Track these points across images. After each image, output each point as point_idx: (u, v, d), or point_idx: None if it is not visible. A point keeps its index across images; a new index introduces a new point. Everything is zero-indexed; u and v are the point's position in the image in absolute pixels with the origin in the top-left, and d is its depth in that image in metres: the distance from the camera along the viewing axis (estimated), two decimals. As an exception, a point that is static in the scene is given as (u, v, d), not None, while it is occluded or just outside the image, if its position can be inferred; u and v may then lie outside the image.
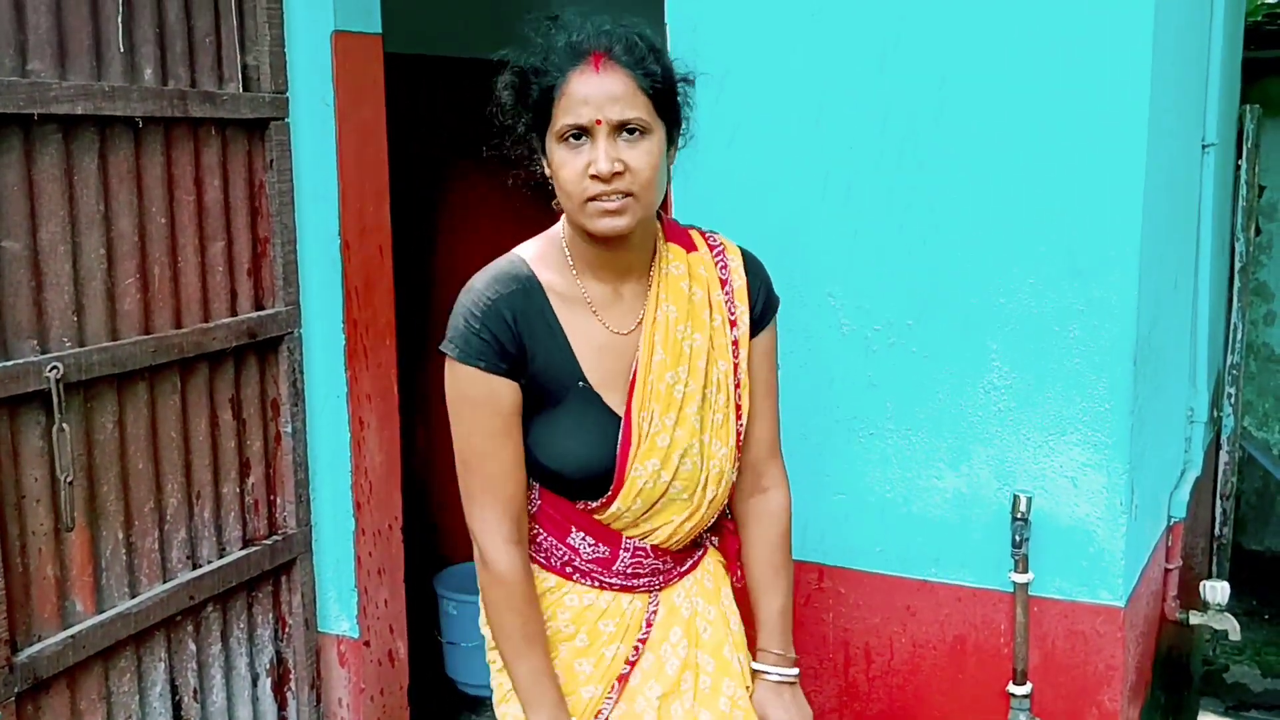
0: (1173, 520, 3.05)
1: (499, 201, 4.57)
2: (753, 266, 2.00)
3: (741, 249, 2.00)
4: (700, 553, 2.06)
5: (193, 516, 2.90)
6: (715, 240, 1.98)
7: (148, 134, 2.69)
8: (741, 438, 1.96)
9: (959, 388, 2.55)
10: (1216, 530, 4.14)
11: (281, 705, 3.21)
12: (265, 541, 3.10)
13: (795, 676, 2.08)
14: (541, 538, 1.91)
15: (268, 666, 3.16)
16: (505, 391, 1.79)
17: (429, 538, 4.18)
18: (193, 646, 2.91)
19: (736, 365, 1.94)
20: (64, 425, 2.46)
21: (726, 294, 1.95)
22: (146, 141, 2.70)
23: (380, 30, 3.22)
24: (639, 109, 1.74)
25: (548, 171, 1.81)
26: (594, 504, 1.86)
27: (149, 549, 2.77)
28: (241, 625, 3.07)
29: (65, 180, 2.51)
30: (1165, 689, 3.20)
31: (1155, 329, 2.60)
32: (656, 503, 1.87)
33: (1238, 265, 3.98)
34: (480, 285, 1.82)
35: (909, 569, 2.66)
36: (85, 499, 2.59)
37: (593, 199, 1.73)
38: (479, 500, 1.83)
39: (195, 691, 2.92)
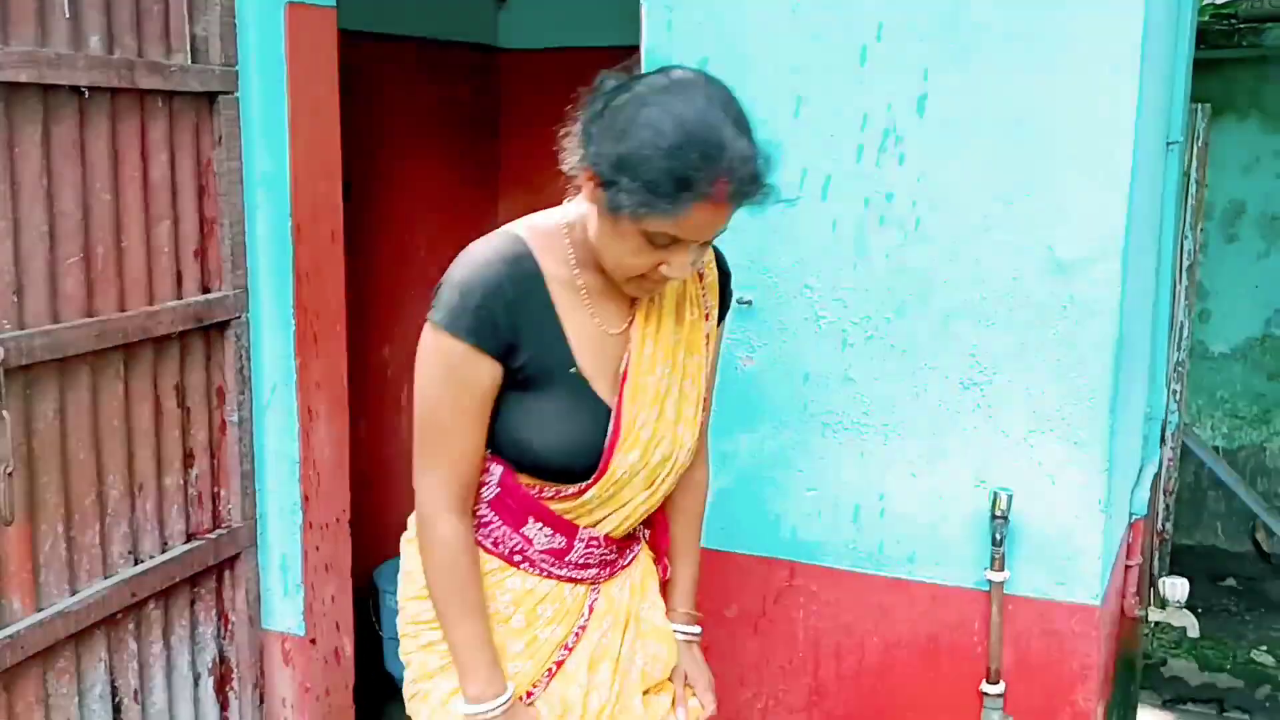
0: (1134, 517, 3.05)
1: (443, 186, 4.47)
2: (721, 261, 2.01)
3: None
4: (637, 546, 2.05)
5: (135, 509, 2.76)
6: None
7: (93, 105, 2.55)
8: (703, 425, 1.98)
9: (937, 384, 2.51)
10: (1159, 525, 4.19)
11: (224, 706, 3.08)
12: (209, 536, 2.96)
13: (699, 634, 2.16)
14: (494, 525, 1.87)
15: (210, 665, 3.03)
16: (487, 373, 1.74)
17: (371, 531, 4.05)
18: (133, 645, 2.77)
19: (706, 357, 1.94)
20: (3, 412, 2.32)
21: (702, 289, 1.95)
22: (91, 113, 2.55)
23: (335, 2, 3.09)
24: None
25: (590, 200, 1.69)
26: (567, 490, 1.82)
27: (89, 544, 2.63)
28: (184, 623, 2.93)
29: (6, 152, 2.36)
30: (1115, 685, 3.21)
31: (1128, 326, 2.58)
32: (624, 490, 1.86)
33: (1185, 263, 4.01)
34: (481, 259, 1.74)
35: (882, 567, 2.62)
36: (25, 491, 2.44)
37: (640, 280, 1.73)
38: (431, 470, 1.79)
39: (135, 692, 2.78)
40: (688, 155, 1.57)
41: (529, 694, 1.88)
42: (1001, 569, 2.48)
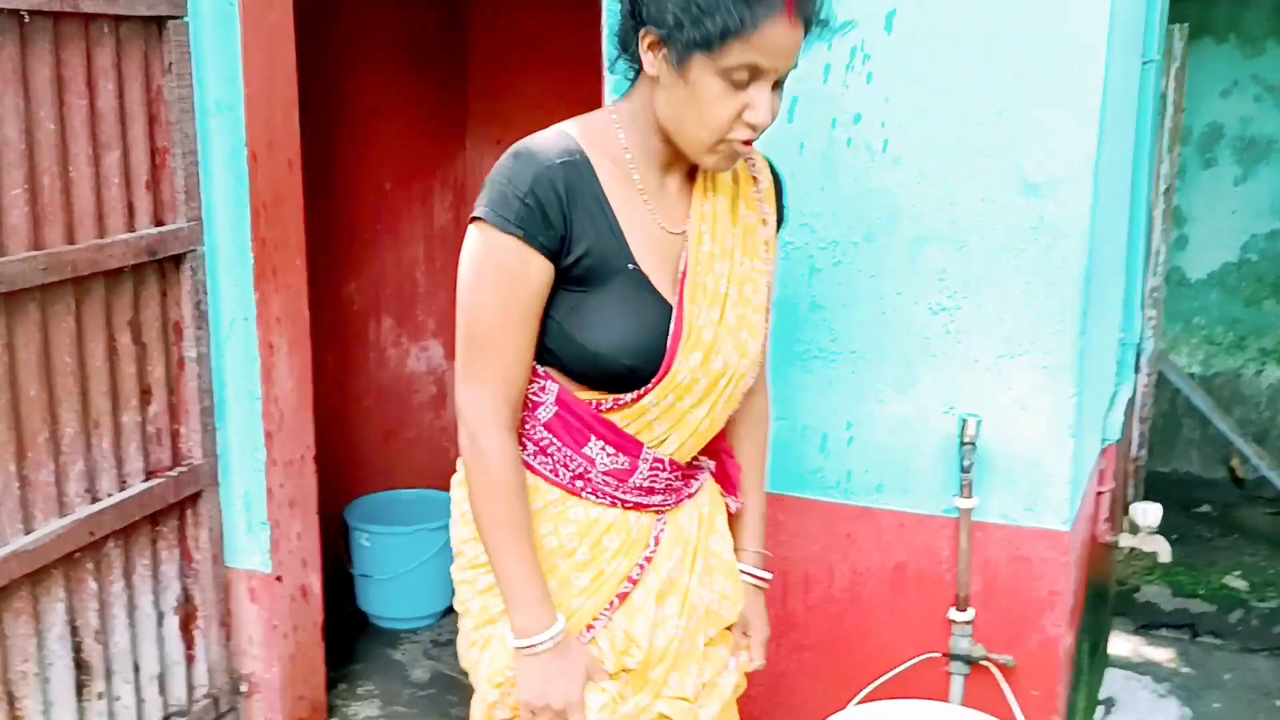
0: (1106, 443, 3.03)
1: (408, 116, 4.37)
2: (774, 168, 1.94)
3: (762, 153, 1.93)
4: (703, 475, 1.95)
5: (90, 447, 2.70)
6: None
7: (35, 29, 2.46)
8: (768, 338, 1.90)
9: (906, 310, 2.47)
10: (1133, 452, 4.18)
11: (189, 645, 3.05)
12: (169, 474, 2.91)
13: (769, 580, 2.10)
14: (553, 448, 1.77)
15: (174, 605, 3.00)
16: (539, 270, 1.66)
17: (339, 468, 4.02)
18: (93, 585, 2.73)
19: (765, 262, 1.86)
20: (-52, 349, 2.26)
21: (757, 193, 1.87)
22: (33, 38, 2.46)
23: (288, -76, 2.99)
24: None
25: (651, 70, 1.66)
26: (627, 397, 1.73)
27: (43, 482, 2.57)
28: (145, 562, 2.89)
29: (-58, 80, 2.27)
30: (1086, 611, 3.21)
31: (1100, 249, 2.54)
32: (684, 399, 1.76)
33: (1161, 187, 3.96)
34: (528, 152, 1.67)
35: (850, 496, 2.59)
36: (-27, 429, 2.38)
37: (727, 142, 1.65)
38: (480, 380, 1.69)
39: (97, 633, 2.75)
40: None
41: (589, 627, 1.78)
42: (970, 496, 2.45)
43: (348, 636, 3.93)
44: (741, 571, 2.02)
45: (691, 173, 1.80)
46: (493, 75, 4.57)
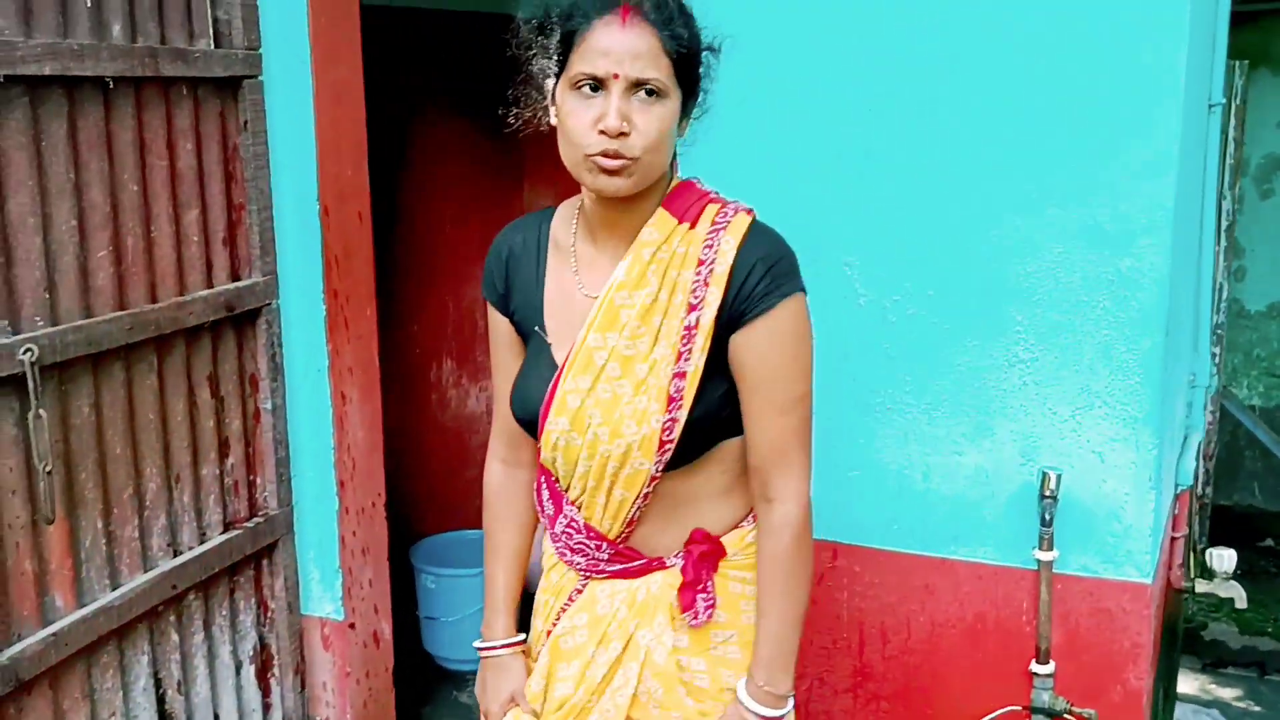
0: (1180, 488, 3.00)
1: (464, 149, 4.41)
2: (751, 252, 1.76)
3: (755, 232, 1.79)
4: (649, 564, 1.86)
5: (172, 501, 2.74)
6: (725, 218, 1.79)
7: (118, 95, 2.51)
8: (671, 429, 1.74)
9: (982, 360, 2.46)
10: (1199, 490, 4.14)
11: (265, 693, 3.08)
12: (247, 524, 2.95)
13: (779, 717, 1.83)
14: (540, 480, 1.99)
15: (251, 654, 3.03)
16: (499, 322, 1.93)
17: (402, 510, 4.05)
18: (175, 637, 2.77)
19: (682, 354, 1.74)
20: (40, 411, 2.30)
21: (699, 275, 1.74)
22: (116, 103, 2.51)
23: (357, -19, 3.04)
24: (659, 70, 1.67)
25: (554, 119, 1.76)
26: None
27: (129, 538, 2.61)
28: (224, 612, 2.93)
29: (33, 147, 2.32)
30: (1158, 653, 3.18)
31: (1177, 297, 2.53)
32: (574, 462, 1.79)
33: (1224, 224, 3.94)
34: (510, 224, 1.95)
35: (927, 547, 2.58)
36: (63, 487, 2.42)
37: (594, 155, 1.66)
38: (494, 415, 2.03)
39: (179, 684, 2.78)
40: None
41: (537, 655, 1.97)
42: (1050, 548, 2.44)
43: (415, 679, 3.95)
44: (747, 708, 1.82)
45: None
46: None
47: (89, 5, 2.43)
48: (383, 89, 3.78)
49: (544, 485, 1.92)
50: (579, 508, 1.84)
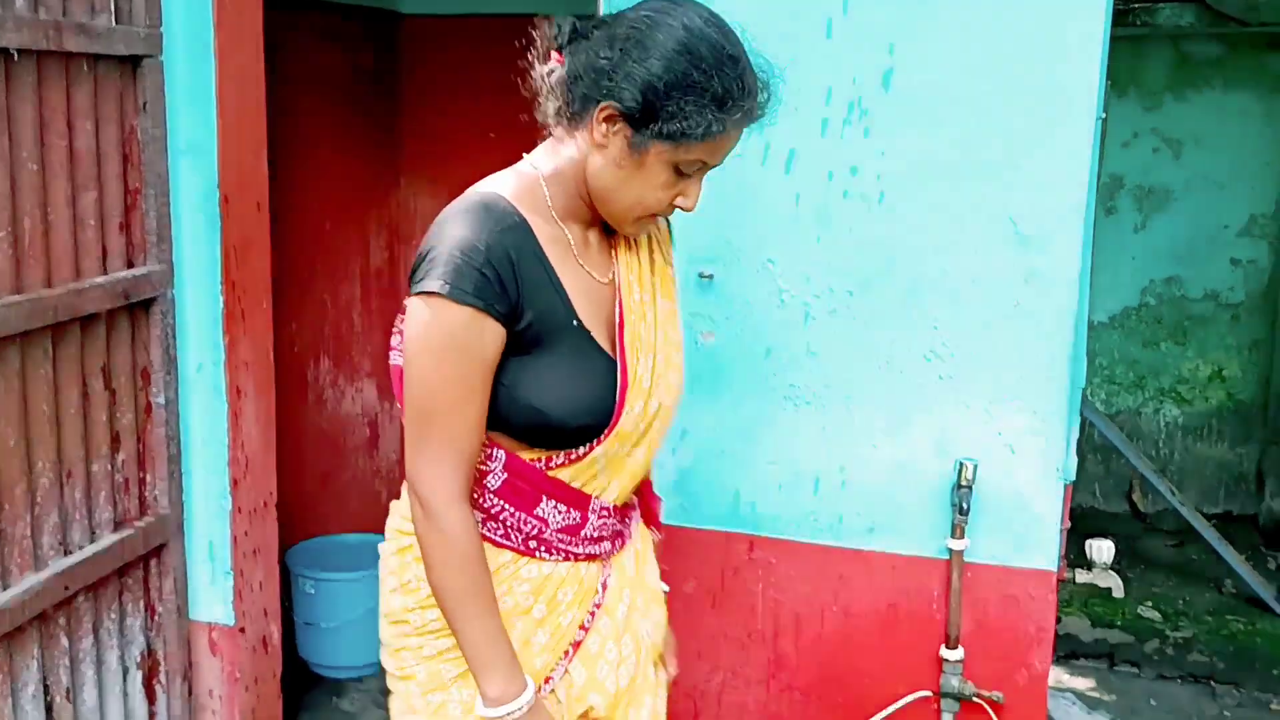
0: (1064, 483, 3.14)
1: (340, 147, 4.32)
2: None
3: None
4: (635, 513, 1.98)
5: (64, 498, 2.60)
6: None
7: (20, 69, 2.38)
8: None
9: (900, 357, 2.54)
10: (1058, 489, 4.33)
11: (151, 700, 2.95)
12: (137, 524, 2.82)
13: (668, 590, 2.10)
14: (505, 513, 1.76)
15: (138, 659, 2.89)
16: (494, 337, 1.64)
17: (280, 512, 3.92)
18: (65, 641, 2.62)
19: (675, 305, 1.91)
20: (-64, 399, 2.16)
21: (660, 238, 1.92)
22: (18, 77, 2.38)
23: (260, -35, 2.95)
24: None
25: (603, 143, 1.65)
26: (579, 451, 1.74)
27: (20, 535, 2.47)
28: (113, 616, 2.79)
29: (-68, 118, 2.19)
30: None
31: (1085, 296, 2.65)
32: (626, 445, 1.79)
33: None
34: (474, 219, 1.64)
35: (843, 538, 2.64)
36: (-44, 482, 2.28)
37: (648, 219, 1.74)
38: (436, 455, 1.65)
39: (68, 690, 2.63)
40: (726, 73, 1.61)
41: (547, 680, 1.80)
42: (962, 537, 2.53)
43: (292, 686, 3.82)
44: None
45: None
46: (425, 111, 4.55)
47: (-9, -28, 2.30)
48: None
49: (554, 506, 1.77)
50: (603, 494, 1.81)
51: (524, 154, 1.80)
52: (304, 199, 4.12)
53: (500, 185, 1.73)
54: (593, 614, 1.84)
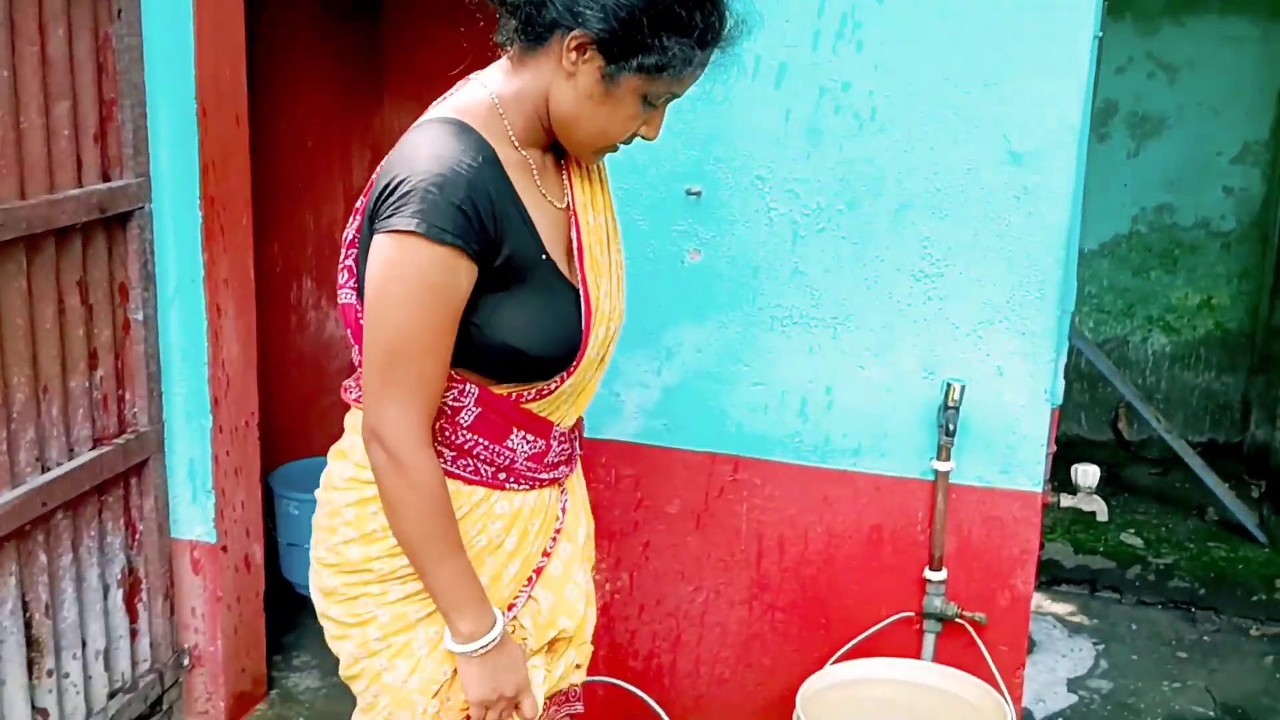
0: (1052, 407, 3.12)
1: (323, 64, 4.23)
2: None
3: None
4: (580, 432, 1.97)
5: (40, 414, 2.57)
6: None
7: (-14, -29, 2.31)
8: None
9: (889, 276, 2.51)
10: (1044, 416, 4.32)
11: (133, 618, 2.94)
12: (116, 441, 2.79)
13: None
14: (478, 448, 1.72)
15: (119, 577, 2.88)
16: (466, 279, 1.58)
17: (261, 435, 3.89)
18: (43, 558, 2.60)
19: (618, 222, 1.89)
20: (-93, 310, 2.11)
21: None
22: (-15, -21, 2.31)
23: None
24: None
25: (572, 71, 1.59)
26: (550, 386, 1.72)
27: (-4, 451, 2.44)
28: (92, 533, 2.77)
29: (-104, 20, 2.12)
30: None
31: (1076, 214, 2.62)
32: (588, 373, 1.78)
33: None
34: (450, 154, 1.56)
35: (828, 459, 2.63)
36: (-71, 395, 2.24)
37: (610, 148, 1.71)
38: (402, 399, 1.59)
39: (47, 607, 2.62)
40: (706, 3, 1.58)
41: (510, 607, 1.79)
42: (948, 459, 2.52)
43: (278, 606, 3.82)
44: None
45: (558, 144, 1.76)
46: (408, 27, 4.46)
47: None
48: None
49: (522, 436, 1.75)
50: (562, 420, 1.80)
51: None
52: (286, 117, 4.04)
53: (460, 110, 1.66)
54: (554, 539, 1.85)
